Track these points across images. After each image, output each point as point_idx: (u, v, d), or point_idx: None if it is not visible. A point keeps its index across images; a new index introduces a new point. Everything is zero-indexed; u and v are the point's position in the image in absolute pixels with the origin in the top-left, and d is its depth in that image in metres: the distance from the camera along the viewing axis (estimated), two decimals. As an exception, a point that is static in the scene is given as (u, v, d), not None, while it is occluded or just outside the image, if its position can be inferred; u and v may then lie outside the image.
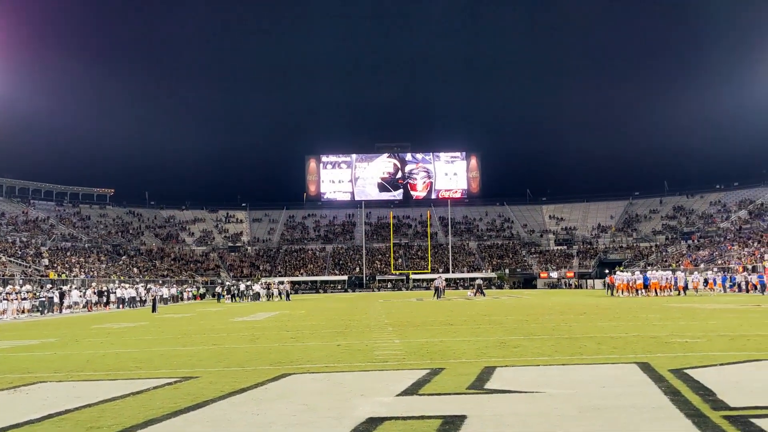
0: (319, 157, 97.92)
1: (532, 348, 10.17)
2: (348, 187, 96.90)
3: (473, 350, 9.98)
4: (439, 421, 5.14)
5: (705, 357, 8.55)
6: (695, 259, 62.33)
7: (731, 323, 14.49)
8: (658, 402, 5.65)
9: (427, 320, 17.83)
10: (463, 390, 6.49)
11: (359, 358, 9.34)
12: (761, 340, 10.58)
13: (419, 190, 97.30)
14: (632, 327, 13.85)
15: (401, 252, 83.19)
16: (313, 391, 6.69)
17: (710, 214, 79.76)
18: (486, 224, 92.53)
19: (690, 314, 18.32)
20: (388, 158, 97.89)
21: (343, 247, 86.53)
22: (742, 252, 57.45)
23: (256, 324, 18.37)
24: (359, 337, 12.94)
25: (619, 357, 8.80)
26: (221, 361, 9.55)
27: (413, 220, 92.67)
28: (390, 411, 5.56)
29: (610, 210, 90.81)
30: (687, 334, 11.83)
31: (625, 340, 11.00)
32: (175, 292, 49.37)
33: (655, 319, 16.28)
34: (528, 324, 15.42)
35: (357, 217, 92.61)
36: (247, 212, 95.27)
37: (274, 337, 13.49)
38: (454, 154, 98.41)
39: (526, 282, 76.13)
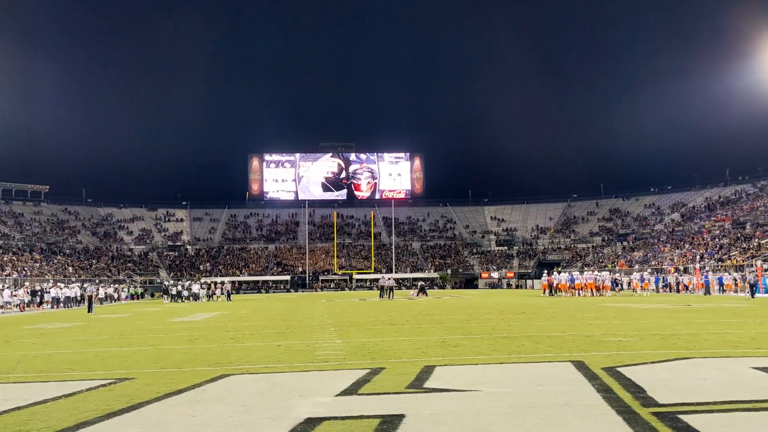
0: (262, 156, 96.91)
1: (471, 347, 10.30)
2: (291, 187, 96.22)
3: (414, 350, 10.05)
4: (377, 420, 5.16)
5: (637, 355, 8.82)
6: (630, 260, 64.28)
7: (663, 322, 15.01)
8: (591, 399, 5.80)
9: (369, 320, 17.86)
10: (403, 389, 6.53)
11: (300, 359, 9.29)
12: (690, 339, 10.98)
13: (363, 190, 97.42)
14: (569, 326, 14.19)
15: (345, 252, 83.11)
16: (251, 392, 6.62)
17: (645, 217, 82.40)
18: (429, 225, 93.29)
19: (624, 314, 18.89)
20: (332, 158, 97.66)
21: (286, 247, 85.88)
22: (674, 253, 59.55)
23: (195, 324, 18.05)
24: (300, 337, 12.87)
25: (555, 356, 9.00)
26: (158, 362, 9.35)
27: (357, 220, 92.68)
28: (329, 411, 5.54)
29: (549, 212, 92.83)
30: (620, 333, 12.19)
31: (561, 339, 11.26)
32: (112, 292, 48.07)
33: (590, 319, 16.72)
34: (468, 323, 15.63)
35: (300, 217, 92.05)
36: (188, 211, 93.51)
37: (213, 338, 13.28)
38: (399, 155, 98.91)
39: (467, 282, 77.07)
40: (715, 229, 62.71)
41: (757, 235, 54.04)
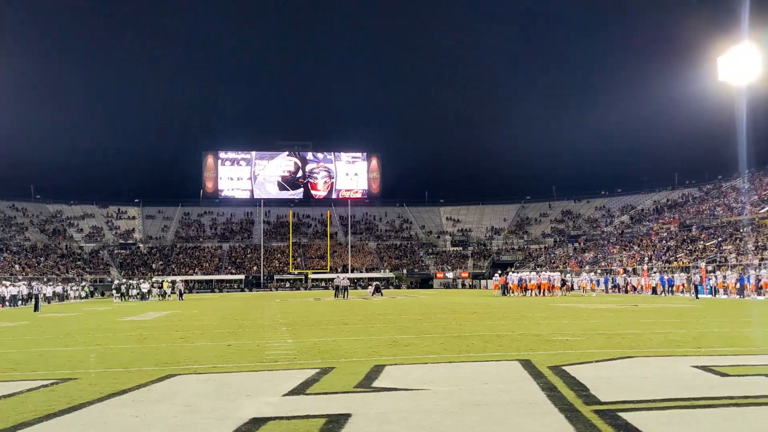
0: (217, 154, 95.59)
1: (422, 346, 10.37)
2: (247, 185, 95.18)
3: (365, 349, 10.06)
4: (323, 420, 5.16)
5: (583, 354, 9.01)
6: (581, 260, 65.51)
7: (610, 322, 15.36)
8: (535, 398, 5.90)
9: (322, 320, 17.82)
10: (351, 389, 6.54)
11: (249, 358, 9.21)
12: (635, 338, 11.26)
13: (320, 190, 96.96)
14: (518, 326, 14.41)
15: (300, 251, 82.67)
16: (197, 392, 6.54)
17: (595, 219, 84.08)
18: (385, 225, 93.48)
19: (573, 313, 19.26)
20: (288, 157, 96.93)
21: (241, 246, 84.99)
22: (623, 255, 60.93)
23: (145, 324, 17.73)
24: (252, 337, 12.76)
25: (503, 354, 9.13)
26: (103, 362, 9.17)
27: (313, 220, 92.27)
28: (275, 411, 5.52)
29: (504, 213, 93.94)
30: (568, 333, 12.42)
31: (510, 338, 11.41)
32: (60, 291, 46.83)
33: (540, 318, 17.00)
34: (420, 323, 15.72)
35: (256, 216, 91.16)
36: (140, 208, 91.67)
37: (162, 338, 13.07)
38: (356, 155, 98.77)
39: (423, 282, 77.48)
40: (662, 231, 64.37)
41: (702, 237, 55.69)
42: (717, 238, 53.05)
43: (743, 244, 47.93)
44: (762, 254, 42.82)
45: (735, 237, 51.35)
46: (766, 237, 47.56)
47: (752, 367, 7.54)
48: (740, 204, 61.10)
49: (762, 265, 38.50)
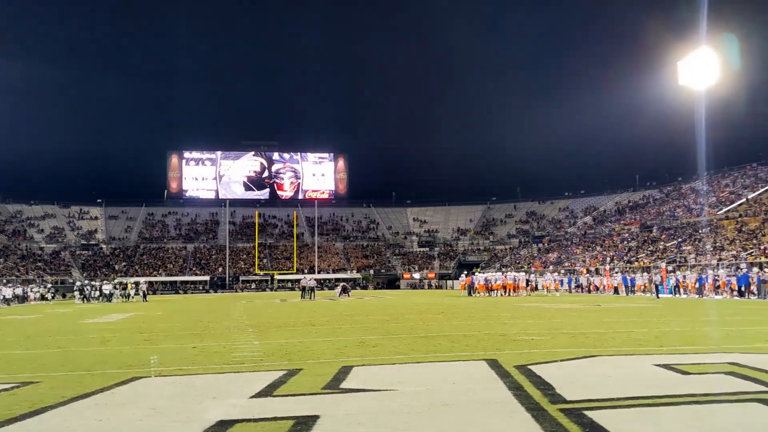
0: (182, 153, 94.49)
1: (389, 347, 10.38)
2: (212, 185, 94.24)
3: (332, 350, 10.04)
4: (291, 422, 5.13)
5: (548, 353, 9.11)
6: (545, 261, 66.30)
7: (573, 322, 15.57)
8: (502, 397, 5.95)
9: (288, 321, 17.72)
10: (319, 390, 6.52)
11: (215, 360, 9.12)
12: (598, 337, 11.44)
13: (286, 190, 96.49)
14: (484, 325, 14.52)
15: (266, 252, 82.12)
16: (163, 395, 6.45)
17: (559, 220, 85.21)
18: (352, 225, 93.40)
19: (537, 313, 19.48)
20: (254, 157, 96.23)
21: (206, 247, 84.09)
22: (586, 255, 61.83)
23: (108, 326, 17.42)
24: (217, 338, 12.63)
25: (470, 354, 9.19)
26: (66, 365, 8.98)
27: (279, 220, 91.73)
28: (242, 413, 5.47)
29: (470, 214, 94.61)
30: (533, 332, 12.56)
31: (477, 338, 11.49)
32: (20, 293, 45.74)
33: (505, 318, 17.16)
34: (388, 324, 15.74)
35: (221, 216, 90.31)
36: (103, 209, 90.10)
37: (126, 340, 12.86)
38: (322, 155, 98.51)
39: (389, 282, 77.60)
40: (624, 232, 65.49)
41: (662, 238, 56.80)
42: (677, 239, 54.17)
43: (702, 244, 49.03)
44: (720, 254, 43.85)
45: (694, 238, 52.50)
46: (724, 238, 48.71)
47: (712, 365, 7.71)
48: (699, 205, 62.48)
49: (720, 265, 39.42)
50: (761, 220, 49.63)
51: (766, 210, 51.58)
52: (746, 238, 46.41)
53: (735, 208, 57.06)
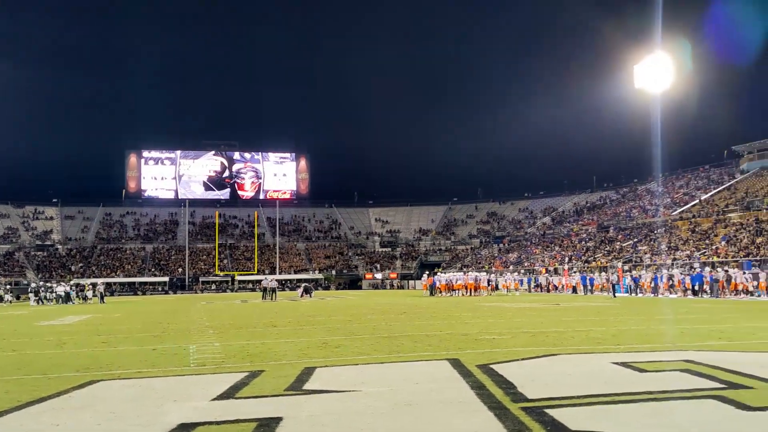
0: (141, 152, 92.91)
1: (352, 347, 10.37)
2: (171, 185, 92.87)
3: (295, 351, 9.98)
4: (254, 424, 5.08)
5: (509, 352, 9.22)
6: (505, 261, 67.01)
7: (533, 321, 15.77)
8: (465, 396, 5.99)
9: (250, 322, 17.57)
10: (281, 392, 6.47)
11: (175, 363, 8.99)
12: (558, 336, 11.60)
13: (247, 190, 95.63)
14: (446, 325, 14.61)
15: (227, 253, 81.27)
16: (122, 398, 6.33)
17: (519, 220, 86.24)
18: (314, 225, 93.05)
19: (498, 313, 19.68)
20: (215, 156, 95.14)
21: (165, 247, 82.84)
22: (545, 255, 62.69)
23: (65, 328, 17.03)
24: (177, 340, 12.45)
25: (433, 354, 9.23)
26: (21, 369, 8.75)
27: (240, 221, 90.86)
28: (203, 416, 5.40)
29: (432, 214, 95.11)
30: (494, 331, 12.69)
31: (439, 338, 11.56)
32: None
33: (467, 318, 17.30)
34: (350, 324, 15.72)
35: (180, 216, 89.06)
36: (59, 209, 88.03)
37: (83, 342, 12.60)
38: (284, 155, 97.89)
39: (351, 283, 77.52)
40: (582, 232, 66.59)
41: (619, 238, 57.92)
42: (633, 239, 55.30)
43: (657, 244, 50.15)
44: (674, 254, 44.90)
45: (649, 238, 53.66)
46: (678, 238, 49.90)
47: (668, 363, 7.89)
48: (654, 206, 63.91)
49: (674, 265, 40.37)
50: (713, 220, 50.99)
51: (719, 211, 53.00)
52: (699, 239, 47.63)
53: (689, 209, 58.50)
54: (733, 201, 55.19)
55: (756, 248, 39.36)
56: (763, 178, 59.99)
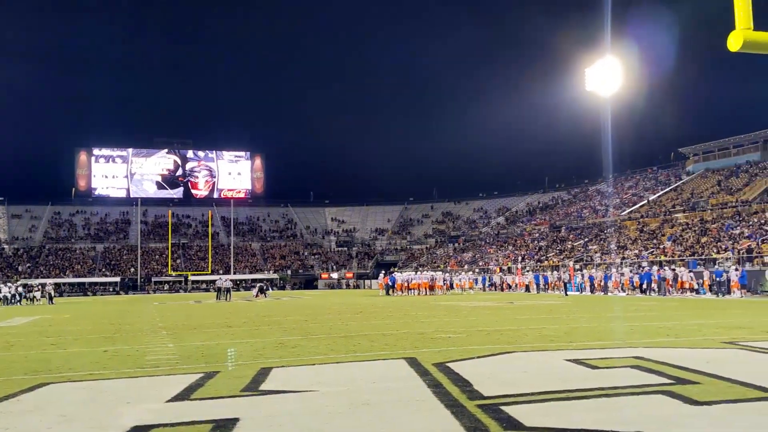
0: (91, 150, 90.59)
1: (309, 347, 10.34)
2: (123, 183, 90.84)
3: (250, 352, 9.90)
4: (210, 425, 5.03)
5: (465, 351, 9.32)
6: (460, 260, 67.63)
7: (488, 319, 15.97)
8: (422, 395, 6.04)
9: (204, 323, 17.34)
10: (238, 392, 6.42)
11: (128, 364, 8.82)
12: (512, 334, 11.78)
13: (201, 189, 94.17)
14: (403, 324, 14.69)
15: (180, 252, 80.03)
16: (73, 401, 6.18)
17: (474, 220, 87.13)
18: (269, 225, 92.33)
19: (454, 311, 19.86)
20: (167, 154, 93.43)
21: (116, 247, 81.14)
22: (499, 254, 63.49)
23: (12, 330, 16.53)
24: (129, 341, 12.22)
25: (390, 353, 9.27)
26: (-36, 374, 8.46)
27: (194, 220, 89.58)
28: (158, 418, 5.32)
29: (388, 214, 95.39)
30: (450, 330, 12.81)
31: (396, 337, 11.62)
32: None
33: (423, 317, 17.41)
34: (306, 324, 15.66)
35: (132, 215, 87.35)
36: (5, 207, 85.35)
37: (31, 344, 12.24)
38: (239, 154, 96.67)
39: (307, 283, 77.17)
40: (535, 232, 67.65)
41: (570, 238, 59.04)
42: (584, 239, 56.43)
43: (607, 244, 51.30)
44: (623, 253, 45.98)
45: (600, 237, 54.84)
46: (627, 237, 51.12)
47: (619, 360, 8.09)
48: (604, 206, 65.35)
49: (623, 264, 41.34)
50: (661, 220, 52.40)
51: (666, 211, 54.48)
52: (647, 238, 48.89)
53: (637, 209, 60.01)
54: (679, 201, 56.81)
55: (701, 248, 40.60)
56: (707, 180, 61.91)
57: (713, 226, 44.93)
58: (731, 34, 4.24)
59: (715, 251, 37.82)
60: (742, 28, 4.20)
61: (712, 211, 48.99)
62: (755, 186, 53.02)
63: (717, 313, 17.04)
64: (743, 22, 4.21)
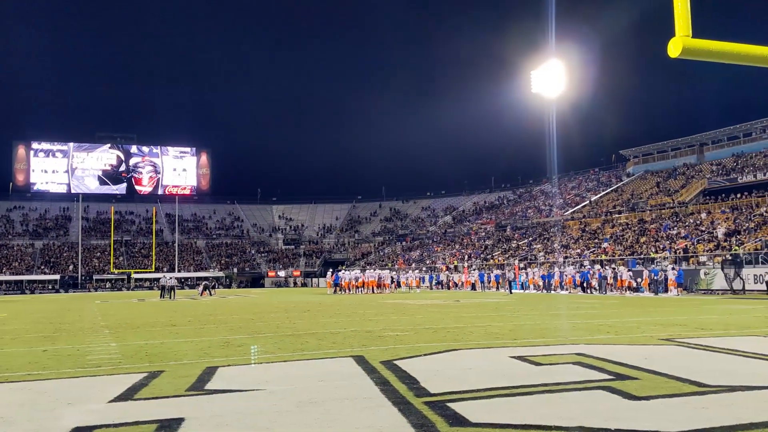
0: (30, 144, 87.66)
1: (256, 346, 10.27)
2: (63, 178, 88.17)
3: (196, 351, 9.77)
4: (154, 425, 4.96)
5: (412, 348, 9.41)
6: (408, 258, 68.02)
7: (435, 317, 16.14)
8: (370, 392, 6.08)
9: (148, 321, 17.01)
10: (183, 392, 6.33)
11: (69, 364, 8.60)
12: (458, 332, 11.94)
13: (145, 185, 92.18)
14: (350, 322, 14.71)
15: (123, 250, 78.16)
16: (11, 403, 5.99)
17: (422, 219, 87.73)
18: (215, 222, 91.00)
19: (401, 309, 19.99)
20: (110, 149, 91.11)
21: (56, 244, 78.68)
22: (446, 253, 64.12)
23: (-59, 331, 15.88)
24: (70, 341, 11.90)
25: (338, 351, 9.29)
26: None
27: (137, 217, 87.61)
28: (101, 419, 5.21)
29: (336, 212, 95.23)
30: (398, 328, 12.90)
31: (343, 335, 11.64)
32: None
33: (371, 315, 17.47)
34: (253, 323, 15.54)
35: (73, 211, 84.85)
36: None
37: (-37, 345, 11.79)
38: (184, 150, 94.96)
39: (254, 281, 76.38)
40: (481, 231, 68.56)
41: (515, 237, 60.06)
42: (528, 238, 57.48)
43: (550, 243, 52.39)
44: (566, 252, 47.04)
45: (543, 237, 55.95)
46: (570, 237, 52.30)
47: (561, 356, 8.30)
48: (548, 206, 66.73)
49: (566, 263, 42.30)
50: (602, 221, 53.79)
51: (606, 211, 55.95)
52: (589, 238, 50.12)
53: (579, 209, 61.47)
54: (619, 202, 58.42)
55: (640, 247, 41.85)
56: (646, 181, 63.85)
57: (652, 226, 46.36)
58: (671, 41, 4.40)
59: (654, 251, 39.05)
60: (681, 35, 4.36)
61: (651, 212, 50.55)
62: (691, 188, 54.95)
63: (655, 311, 17.61)
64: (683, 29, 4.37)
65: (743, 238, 35.62)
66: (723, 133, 63.35)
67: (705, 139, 65.03)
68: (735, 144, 61.74)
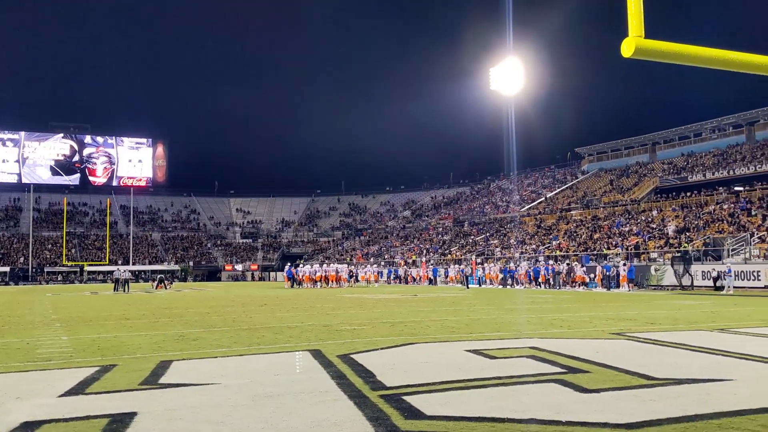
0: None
1: (211, 340, 10.18)
2: (14, 168, 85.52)
3: (150, 345, 9.64)
4: (106, 420, 4.89)
5: (369, 342, 9.46)
6: (367, 253, 68.09)
7: (393, 311, 16.22)
8: (326, 386, 6.10)
9: (100, 315, 16.69)
10: (136, 386, 6.26)
11: (18, 358, 8.40)
12: (415, 326, 12.03)
13: (99, 176, 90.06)
14: (308, 316, 14.69)
15: (76, 242, 76.39)
16: (-45, 399, 5.84)
17: (381, 213, 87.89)
18: (171, 215, 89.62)
19: (359, 304, 20.04)
20: (63, 139, 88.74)
21: (6, 235, 76.46)
22: (405, 247, 64.39)
23: None
24: (19, 334, 11.61)
25: (294, 345, 9.28)
26: None
27: (91, 208, 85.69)
28: (51, 413, 5.12)
29: (294, 206, 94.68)
30: (355, 322, 12.94)
31: (300, 329, 11.62)
32: None
33: (328, 309, 17.47)
34: (209, 316, 15.39)
35: (24, 202, 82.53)
36: None
37: None
38: (140, 141, 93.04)
39: (210, 274, 75.47)
40: (439, 226, 69.03)
41: (473, 232, 60.64)
42: (485, 233, 58.10)
43: (507, 239, 53.06)
44: (522, 248, 47.71)
45: (500, 232, 56.62)
46: (526, 233, 53.05)
47: (515, 350, 8.45)
48: (505, 203, 67.54)
49: (521, 258, 42.90)
50: (557, 217, 54.70)
51: (561, 208, 56.91)
52: (544, 234, 50.92)
53: (535, 206, 62.38)
54: (574, 199, 59.47)
55: (593, 243, 42.69)
56: (600, 179, 65.12)
57: (605, 223, 47.32)
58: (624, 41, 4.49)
59: (606, 247, 39.88)
60: (634, 35, 4.45)
61: (604, 209, 51.58)
62: (643, 186, 56.26)
63: (607, 306, 18.02)
64: (636, 29, 4.47)
65: (692, 235, 36.64)
66: (674, 133, 65.00)
67: (657, 138, 66.62)
68: (686, 144, 63.42)
